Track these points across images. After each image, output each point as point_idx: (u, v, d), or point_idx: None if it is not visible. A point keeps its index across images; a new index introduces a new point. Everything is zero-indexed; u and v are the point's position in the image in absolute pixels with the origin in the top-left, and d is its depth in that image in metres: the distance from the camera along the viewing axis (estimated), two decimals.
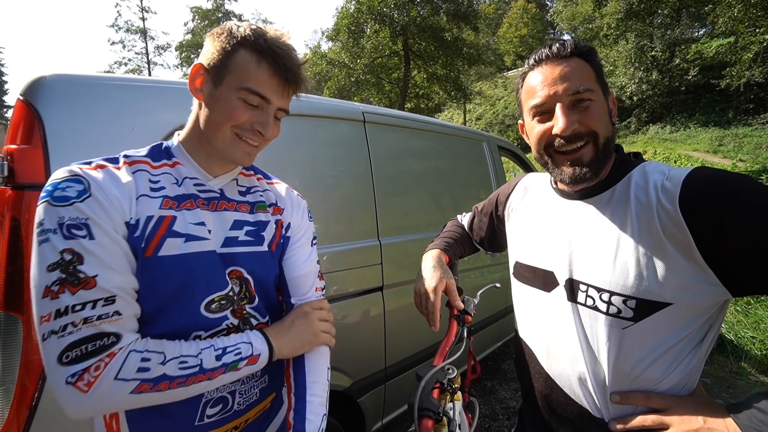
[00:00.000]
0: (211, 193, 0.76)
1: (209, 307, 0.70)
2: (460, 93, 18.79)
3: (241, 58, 0.68)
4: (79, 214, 0.58)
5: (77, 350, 0.55)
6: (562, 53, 0.72)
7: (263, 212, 0.82)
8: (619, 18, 16.02)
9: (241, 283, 0.76)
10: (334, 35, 19.06)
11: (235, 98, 0.68)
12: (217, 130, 0.70)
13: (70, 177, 0.60)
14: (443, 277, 0.93)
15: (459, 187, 2.35)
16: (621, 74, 19.11)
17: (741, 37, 14.10)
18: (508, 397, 2.67)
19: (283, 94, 0.72)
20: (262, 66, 0.68)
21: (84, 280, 0.56)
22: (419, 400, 0.66)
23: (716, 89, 16.15)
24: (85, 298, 0.56)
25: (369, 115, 1.78)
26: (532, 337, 0.86)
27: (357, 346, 1.61)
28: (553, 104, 0.71)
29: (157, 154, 0.73)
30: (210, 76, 0.70)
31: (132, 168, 0.68)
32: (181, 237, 0.68)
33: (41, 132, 0.92)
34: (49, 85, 0.96)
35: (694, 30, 19.94)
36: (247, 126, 0.70)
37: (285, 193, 0.89)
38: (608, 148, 0.71)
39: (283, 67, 0.69)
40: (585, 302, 0.72)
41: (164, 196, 0.68)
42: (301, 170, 1.48)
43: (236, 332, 0.73)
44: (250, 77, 0.68)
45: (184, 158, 0.74)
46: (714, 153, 14.39)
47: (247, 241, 0.77)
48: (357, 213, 1.66)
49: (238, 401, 0.76)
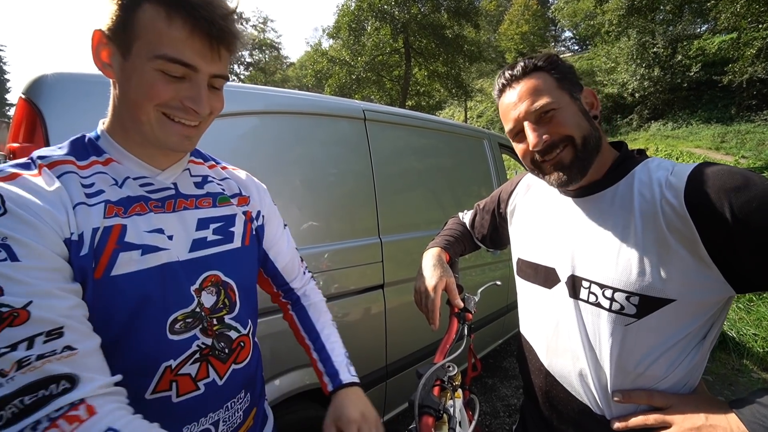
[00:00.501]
0: (164, 191, 0.64)
1: (173, 328, 0.59)
2: (461, 90, 18.76)
3: (145, 16, 0.52)
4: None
5: (12, 407, 0.40)
6: (517, 75, 0.75)
7: (226, 205, 0.72)
8: (620, 14, 15.96)
9: (219, 289, 0.67)
10: (335, 33, 19.01)
11: (151, 70, 0.53)
12: (139, 112, 0.56)
13: None
14: (443, 275, 0.93)
15: (460, 185, 2.35)
16: (623, 71, 19.03)
17: (744, 32, 14.00)
18: (509, 394, 2.68)
19: (213, 56, 0.56)
20: (174, 23, 0.52)
21: (9, 314, 0.42)
22: (420, 397, 0.66)
23: (719, 85, 16.06)
24: (14, 337, 0.42)
25: (370, 113, 1.77)
26: (533, 334, 0.87)
27: (358, 343, 1.61)
28: (522, 125, 0.74)
29: (82, 151, 0.59)
30: (114, 46, 0.54)
31: (54, 171, 0.54)
32: (136, 249, 0.56)
33: (43, 130, 0.93)
34: (50, 84, 0.96)
35: (696, 26, 19.80)
36: (174, 103, 0.56)
37: (246, 178, 0.81)
38: (589, 146, 0.72)
39: (204, 22, 0.53)
40: (587, 299, 0.72)
41: (105, 201, 0.56)
42: (302, 168, 1.48)
43: (210, 354, 0.64)
44: (162, 41, 0.52)
45: (118, 152, 0.61)
46: (716, 150, 14.34)
47: (217, 240, 0.68)
48: (358, 211, 1.66)
49: (221, 429, 0.68)
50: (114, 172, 0.59)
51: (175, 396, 0.60)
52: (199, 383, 0.63)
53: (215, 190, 0.72)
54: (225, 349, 0.66)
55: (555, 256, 0.80)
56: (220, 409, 0.66)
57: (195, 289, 0.63)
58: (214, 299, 0.65)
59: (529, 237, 0.90)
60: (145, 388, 0.58)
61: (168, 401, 0.60)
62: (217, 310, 0.66)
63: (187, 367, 0.61)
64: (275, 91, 1.48)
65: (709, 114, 16.70)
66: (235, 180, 0.78)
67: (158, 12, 0.52)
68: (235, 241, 0.71)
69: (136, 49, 0.53)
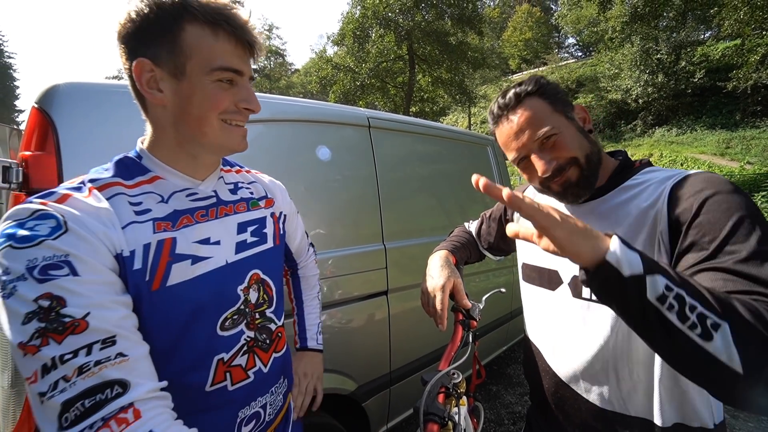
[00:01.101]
0: (208, 199, 0.70)
1: (223, 325, 0.66)
2: (464, 97, 18.83)
3: (191, 36, 0.57)
4: (55, 252, 0.47)
5: (75, 409, 0.44)
6: (510, 105, 0.77)
7: (258, 208, 0.79)
8: (624, 21, 15.99)
9: (259, 286, 0.74)
10: (339, 40, 19.18)
11: (210, 83, 0.59)
12: (203, 125, 0.61)
13: (36, 214, 0.49)
14: (451, 275, 0.94)
15: (463, 192, 2.36)
16: (626, 77, 19.05)
17: (747, 39, 14.00)
18: (513, 401, 2.66)
19: (248, 60, 0.64)
20: (221, 36, 0.59)
21: (71, 324, 0.46)
22: (424, 404, 0.66)
23: (723, 92, 16.04)
24: (75, 344, 0.45)
25: (374, 120, 1.79)
26: (539, 336, 0.88)
27: (362, 350, 1.61)
28: (526, 153, 0.76)
29: (127, 171, 0.62)
30: (164, 71, 0.58)
31: (105, 193, 0.57)
32: (186, 259, 0.61)
33: (55, 139, 0.94)
34: (62, 93, 0.98)
35: (700, 32, 19.81)
36: (231, 108, 0.63)
37: (269, 182, 0.89)
38: (592, 162, 0.75)
39: (240, 29, 0.60)
40: (591, 297, 0.74)
41: (153, 219, 0.60)
42: (308, 175, 1.50)
43: (255, 345, 0.72)
44: (215, 54, 0.58)
45: (162, 169, 0.65)
46: (721, 155, 14.26)
47: (255, 242, 0.75)
48: (362, 217, 1.67)
49: (269, 412, 0.76)
50: (160, 188, 0.64)
51: (230, 385, 0.67)
52: (248, 372, 0.70)
53: (246, 195, 0.79)
54: (266, 340, 0.75)
55: (556, 257, 0.81)
56: (266, 394, 0.75)
57: (243, 288, 0.70)
58: (256, 295, 0.73)
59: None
60: (204, 382, 0.64)
61: (225, 391, 0.67)
62: (259, 305, 0.73)
63: (237, 358, 0.68)
64: (281, 99, 1.51)
65: (713, 120, 16.65)
66: (261, 183, 0.86)
67: (203, 30, 0.58)
68: (268, 242, 0.78)
69: (191, 68, 0.58)
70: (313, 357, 1.01)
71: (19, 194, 0.93)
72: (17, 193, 0.93)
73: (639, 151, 16.97)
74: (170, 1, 0.57)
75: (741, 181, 10.81)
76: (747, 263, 0.53)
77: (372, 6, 16.63)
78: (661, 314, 0.46)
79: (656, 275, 0.47)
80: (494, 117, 0.81)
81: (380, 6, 16.43)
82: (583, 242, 0.50)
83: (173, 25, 0.57)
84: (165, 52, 0.57)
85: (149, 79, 0.59)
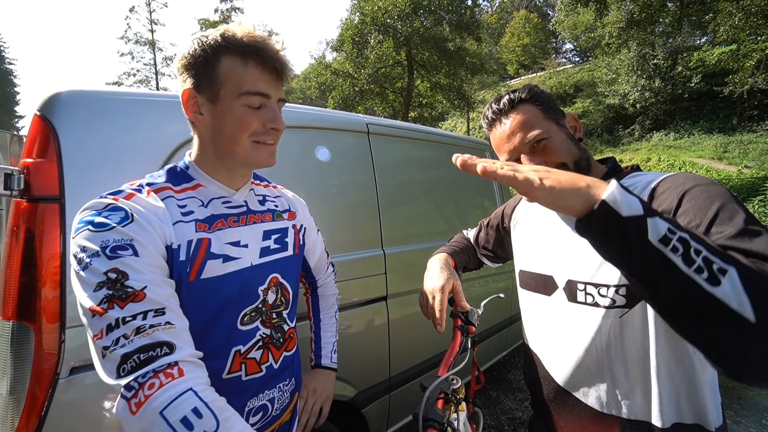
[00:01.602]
0: (239, 207, 0.79)
1: (242, 320, 0.75)
2: (463, 102, 18.88)
3: (225, 67, 0.67)
4: (123, 236, 0.59)
5: (132, 361, 0.53)
6: (503, 110, 0.80)
7: (281, 220, 0.88)
8: (620, 27, 16.16)
9: (278, 289, 0.82)
10: (338, 46, 19.27)
11: (239, 106, 0.68)
12: (235, 145, 0.71)
13: (109, 206, 0.62)
14: (450, 277, 0.94)
15: (462, 197, 2.37)
16: (624, 82, 19.15)
17: (743, 44, 14.13)
18: (513, 407, 2.65)
19: (278, 84, 0.72)
20: (249, 65, 0.68)
21: (132, 293, 0.56)
22: (424, 410, 0.67)
23: (720, 96, 16.13)
24: (135, 310, 0.55)
25: (373, 126, 1.80)
26: (537, 342, 0.88)
27: (361, 355, 1.61)
28: (517, 155, 0.78)
29: (176, 179, 0.74)
30: (204, 97, 0.69)
31: (159, 195, 0.69)
32: (218, 258, 0.71)
33: (56, 146, 0.95)
34: (64, 101, 0.99)
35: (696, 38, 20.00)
36: (260, 129, 0.71)
37: (292, 197, 0.99)
38: (581, 168, 0.76)
39: (269, 58, 0.69)
40: (585, 300, 0.74)
41: (195, 220, 0.70)
42: (307, 180, 1.51)
43: (269, 342, 0.80)
44: (244, 81, 0.67)
45: (204, 179, 0.76)
46: (719, 160, 14.31)
47: (277, 249, 0.84)
48: (361, 223, 1.68)
49: (276, 407, 0.82)
50: (201, 194, 0.75)
51: (244, 375, 0.75)
52: (261, 366, 0.78)
53: (273, 207, 0.88)
54: (280, 338, 0.82)
55: (551, 263, 0.83)
56: (274, 389, 0.81)
57: (263, 288, 0.79)
58: (274, 297, 0.81)
59: (529, 248, 0.93)
60: (222, 369, 0.72)
61: (239, 380, 0.75)
62: (276, 305, 0.81)
63: (253, 352, 0.76)
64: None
65: (710, 124, 16.73)
66: (285, 198, 0.95)
67: (235, 60, 0.67)
68: (289, 250, 0.87)
69: (223, 93, 0.68)
70: (327, 375, 1.05)
71: (20, 201, 0.93)
72: (18, 200, 0.94)
73: (637, 156, 17.03)
74: (212, 38, 0.67)
75: (739, 185, 10.83)
76: (736, 239, 0.52)
77: (371, 12, 16.74)
78: (664, 257, 0.44)
79: (657, 218, 0.45)
80: (489, 121, 0.84)
81: (379, 12, 16.55)
82: (570, 195, 0.49)
83: (212, 59, 0.67)
84: (205, 81, 0.68)
85: (193, 104, 0.70)
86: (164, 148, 1.11)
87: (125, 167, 1.03)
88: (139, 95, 1.15)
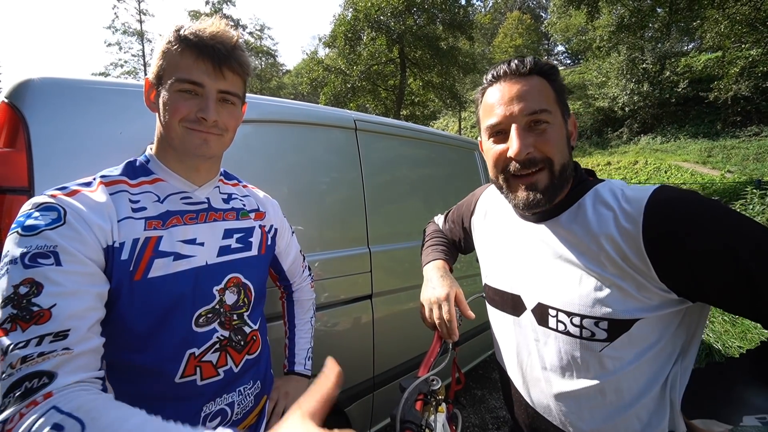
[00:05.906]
0: (200, 204, 0.77)
1: (197, 321, 0.72)
2: (455, 101, 18.97)
3: (168, 55, 0.70)
4: (47, 242, 0.55)
5: (10, 395, 0.49)
6: (521, 70, 0.69)
7: (247, 219, 0.86)
8: (611, 31, 16.38)
9: (240, 289, 0.79)
10: (331, 42, 19.16)
11: (172, 92, 0.69)
12: (170, 131, 0.71)
13: (43, 205, 0.59)
14: (453, 285, 0.92)
15: (450, 195, 2.36)
16: (613, 85, 19.49)
17: (728, 52, 14.46)
18: (498, 406, 2.66)
19: (218, 75, 0.70)
20: (185, 53, 0.69)
21: (37, 314, 0.52)
22: (401, 412, 0.66)
23: (705, 102, 16.51)
24: (33, 333, 0.51)
25: (360, 122, 1.78)
26: (509, 363, 0.85)
27: (345, 354, 1.59)
28: (509, 125, 0.68)
29: (133, 172, 0.73)
30: (155, 86, 0.72)
31: (109, 189, 0.67)
32: (168, 256, 0.69)
33: (25, 135, 0.91)
34: (35, 88, 0.94)
35: (684, 44, 20.42)
36: (191, 116, 0.70)
37: (263, 197, 0.97)
38: (565, 175, 0.70)
39: (207, 48, 0.69)
40: (557, 327, 0.71)
41: (145, 218, 0.68)
42: (292, 177, 1.48)
43: (228, 344, 0.76)
44: (178, 68, 0.69)
45: (164, 172, 0.75)
46: (703, 164, 14.66)
47: (239, 248, 0.81)
48: (347, 220, 1.66)
49: (236, 411, 0.78)
50: (158, 189, 0.73)
51: (199, 380, 0.72)
52: (219, 369, 0.75)
53: (238, 206, 0.86)
54: (241, 341, 0.79)
55: (519, 283, 0.79)
56: (234, 392, 0.78)
57: (219, 288, 0.76)
58: (235, 298, 0.78)
59: (492, 263, 0.89)
60: (174, 373, 0.69)
61: (193, 384, 0.72)
62: (237, 307, 0.78)
63: (209, 355, 0.73)
64: (266, 100, 1.49)
65: (696, 129, 17.13)
66: (254, 197, 0.93)
67: (176, 48, 0.69)
68: (253, 250, 0.84)
69: (164, 81, 0.70)
70: (299, 381, 1.02)
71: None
72: None
73: (625, 158, 17.33)
74: (169, 37, 0.70)
75: (722, 189, 11.12)
76: None
77: (364, 9, 16.66)
78: None
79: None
80: (494, 76, 0.72)
81: (372, 9, 16.47)
82: None
83: (162, 49, 0.70)
84: (157, 70, 0.71)
85: (150, 94, 0.73)
86: (142, 140, 1.07)
87: (101, 159, 0.98)
88: (116, 84, 1.11)
